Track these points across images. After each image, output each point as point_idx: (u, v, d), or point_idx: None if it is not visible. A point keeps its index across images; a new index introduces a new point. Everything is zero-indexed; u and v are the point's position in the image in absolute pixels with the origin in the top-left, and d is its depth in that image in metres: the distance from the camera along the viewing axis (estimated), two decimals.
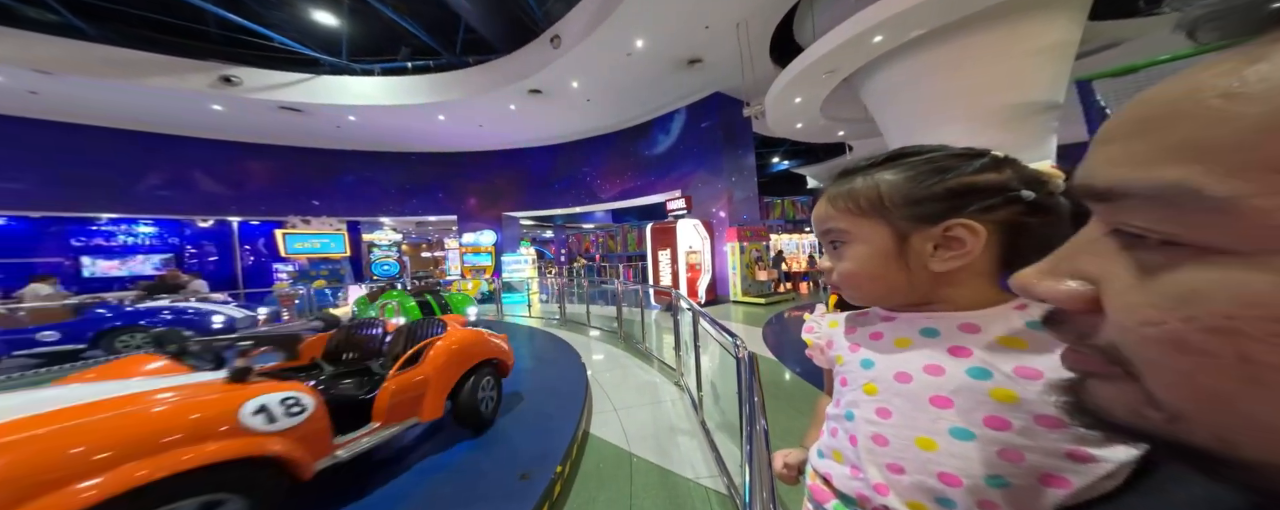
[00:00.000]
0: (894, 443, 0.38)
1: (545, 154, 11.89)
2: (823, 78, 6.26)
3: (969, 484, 0.33)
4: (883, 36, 5.15)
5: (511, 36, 7.88)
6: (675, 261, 7.79)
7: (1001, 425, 0.33)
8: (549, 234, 16.88)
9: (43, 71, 6.42)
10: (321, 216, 10.25)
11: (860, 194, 0.40)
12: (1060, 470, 0.31)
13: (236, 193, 10.28)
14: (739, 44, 6.63)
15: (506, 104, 8.89)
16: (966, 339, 0.37)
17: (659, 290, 6.23)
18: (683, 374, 3.17)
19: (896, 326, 0.42)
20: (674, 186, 9.40)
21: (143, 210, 9.41)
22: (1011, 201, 0.36)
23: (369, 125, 9.61)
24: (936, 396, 0.36)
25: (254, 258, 11.04)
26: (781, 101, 7.13)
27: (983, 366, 0.35)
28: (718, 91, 8.62)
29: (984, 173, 0.37)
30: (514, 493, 1.72)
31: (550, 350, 4.48)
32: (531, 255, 10.90)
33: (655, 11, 5.86)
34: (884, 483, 0.38)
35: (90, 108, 7.94)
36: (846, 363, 0.45)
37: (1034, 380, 0.33)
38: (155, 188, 9.39)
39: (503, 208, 12.18)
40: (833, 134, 9.65)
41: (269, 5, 7.27)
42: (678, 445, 2.25)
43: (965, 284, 0.39)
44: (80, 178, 8.58)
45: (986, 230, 0.36)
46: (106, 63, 6.76)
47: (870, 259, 0.40)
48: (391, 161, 11.64)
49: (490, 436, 2.31)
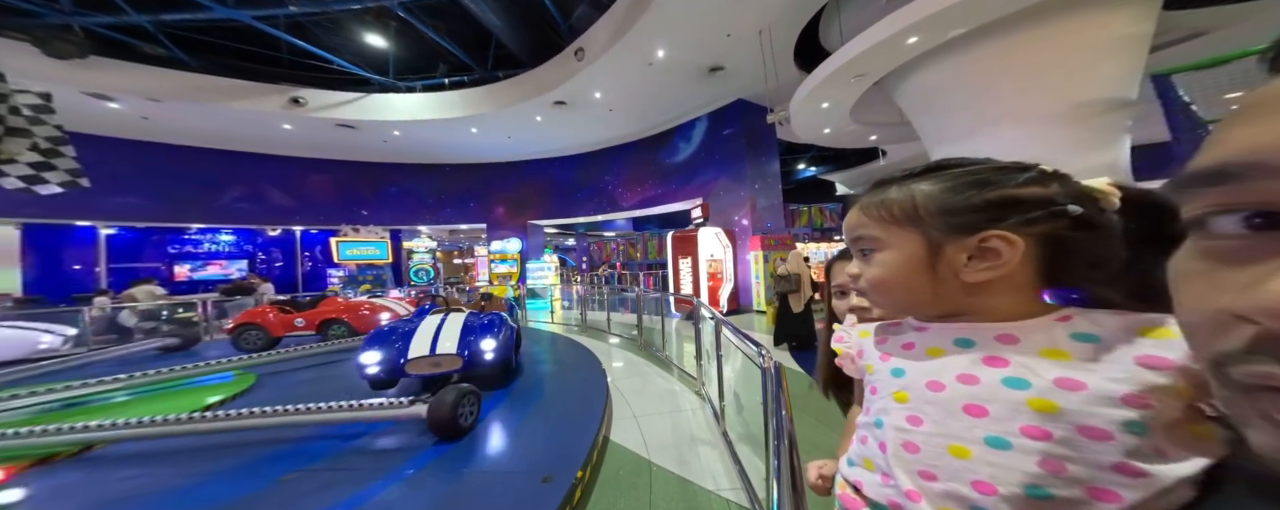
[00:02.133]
0: (925, 450, 0.37)
1: (569, 163, 12.21)
2: (851, 82, 6.09)
3: (1005, 492, 0.32)
4: (918, 38, 4.94)
5: (538, 51, 8.23)
6: (696, 270, 7.72)
7: (1040, 435, 0.32)
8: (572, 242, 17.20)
9: (153, 99, 7.50)
10: (369, 226, 11.11)
11: (895, 203, 0.41)
12: (1109, 484, 0.30)
13: (299, 204, 11.36)
14: (762, 50, 6.61)
15: (533, 115, 9.23)
16: (1003, 349, 0.36)
17: (680, 298, 6.18)
18: (703, 383, 3.11)
19: (929, 336, 0.41)
20: (695, 194, 9.38)
21: (224, 221, 10.71)
22: (1055, 216, 0.36)
23: (411, 139, 10.29)
24: (970, 405, 0.35)
25: (312, 263, 12.14)
26: (807, 107, 6.99)
27: (1020, 376, 0.34)
28: (740, 98, 8.59)
29: (1027, 186, 0.37)
30: (537, 495, 1.73)
31: (571, 355, 4.52)
32: (554, 263, 11.13)
33: (677, 22, 5.96)
34: (916, 489, 0.37)
35: (186, 130, 9.09)
36: (877, 371, 0.45)
37: (1077, 391, 0.32)
38: (235, 200, 10.61)
39: (528, 216, 12.55)
40: (864, 139, 9.32)
41: (329, 30, 8.05)
42: (698, 455, 2.20)
43: (1001, 295, 0.38)
44: (176, 193, 9.85)
45: (1025, 243, 0.36)
46: (202, 89, 7.77)
47: (901, 266, 0.40)
48: (429, 173, 12.36)
49: (513, 437, 2.36)
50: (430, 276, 11.46)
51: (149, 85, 7.33)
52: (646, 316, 5.00)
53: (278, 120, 8.72)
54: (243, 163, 10.47)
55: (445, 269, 11.74)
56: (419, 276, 11.19)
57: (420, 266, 11.12)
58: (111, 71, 7.00)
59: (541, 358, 4.38)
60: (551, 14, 7.66)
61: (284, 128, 9.17)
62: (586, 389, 3.17)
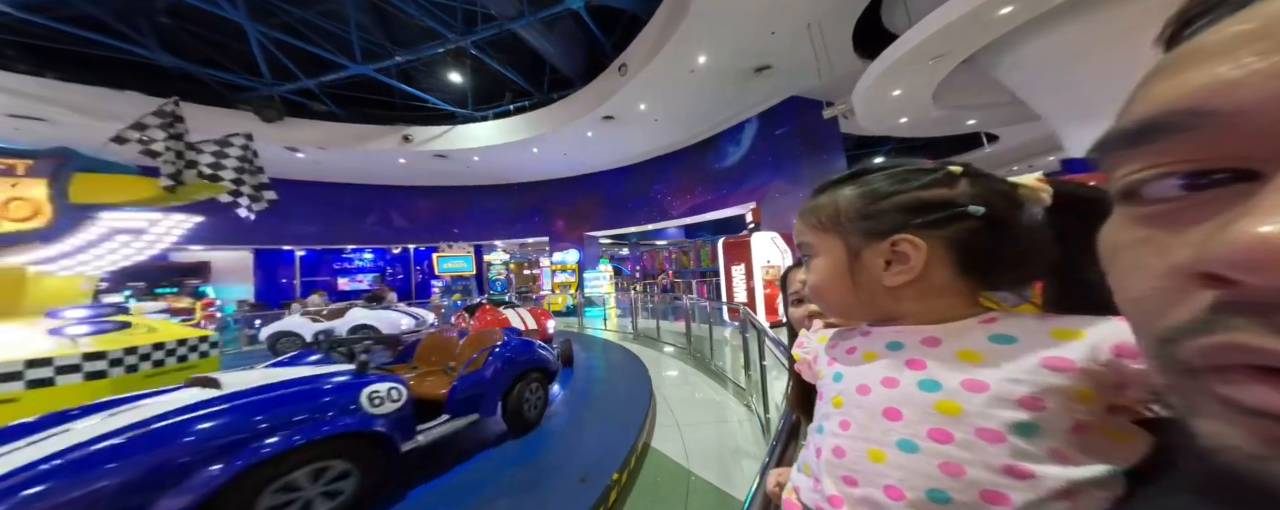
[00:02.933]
0: (850, 454, 0.37)
1: (619, 175, 12.65)
2: (929, 65, 5.41)
3: (911, 497, 0.32)
4: (1014, 7, 4.25)
5: (587, 71, 8.77)
6: (749, 277, 7.41)
7: (944, 437, 0.32)
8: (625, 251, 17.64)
9: (322, 147, 9.76)
10: (459, 241, 13.03)
11: (822, 209, 0.42)
12: (999, 486, 0.29)
13: (412, 225, 13.60)
14: (812, 44, 6.25)
15: (584, 132, 9.79)
16: (925, 352, 0.36)
17: (731, 307, 5.99)
18: (752, 395, 2.98)
19: (869, 340, 0.42)
20: (747, 199, 9.06)
21: (365, 242, 13.47)
22: (958, 217, 0.35)
23: (487, 163, 11.73)
24: (889, 408, 0.36)
25: (421, 276, 14.55)
26: (875, 96, 6.38)
27: (933, 378, 0.34)
28: (793, 96, 8.18)
29: (931, 188, 0.37)
30: (573, 494, 1.83)
31: (620, 361, 4.64)
32: (609, 272, 11.53)
33: (715, 26, 5.92)
34: (839, 494, 0.37)
35: (339, 170, 11.57)
36: (823, 376, 0.46)
37: (979, 393, 0.32)
38: (371, 225, 13.16)
39: (584, 228, 13.22)
40: (960, 124, 8.18)
41: (423, 74, 9.68)
42: (741, 468, 2.12)
43: (925, 299, 0.38)
44: (336, 220, 12.58)
45: (930, 245, 0.36)
46: (350, 135, 9.89)
47: (829, 272, 0.41)
48: (501, 192, 13.92)
49: (555, 437, 2.50)
50: (504, 286, 12.72)
51: (318, 136, 9.61)
52: (698, 325, 4.94)
53: (395, 156, 10.66)
54: (374, 193, 13.04)
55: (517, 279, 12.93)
56: (496, 285, 12.56)
57: (497, 276, 12.48)
58: (296, 128, 9.28)
59: (592, 363, 4.57)
60: (596, 34, 8.14)
61: (400, 162, 11.15)
62: (631, 394, 3.24)
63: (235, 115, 8.41)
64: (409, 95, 9.74)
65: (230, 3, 6.78)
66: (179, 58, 7.94)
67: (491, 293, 11.71)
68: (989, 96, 6.62)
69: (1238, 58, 0.14)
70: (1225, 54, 0.14)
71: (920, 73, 5.64)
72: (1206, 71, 0.15)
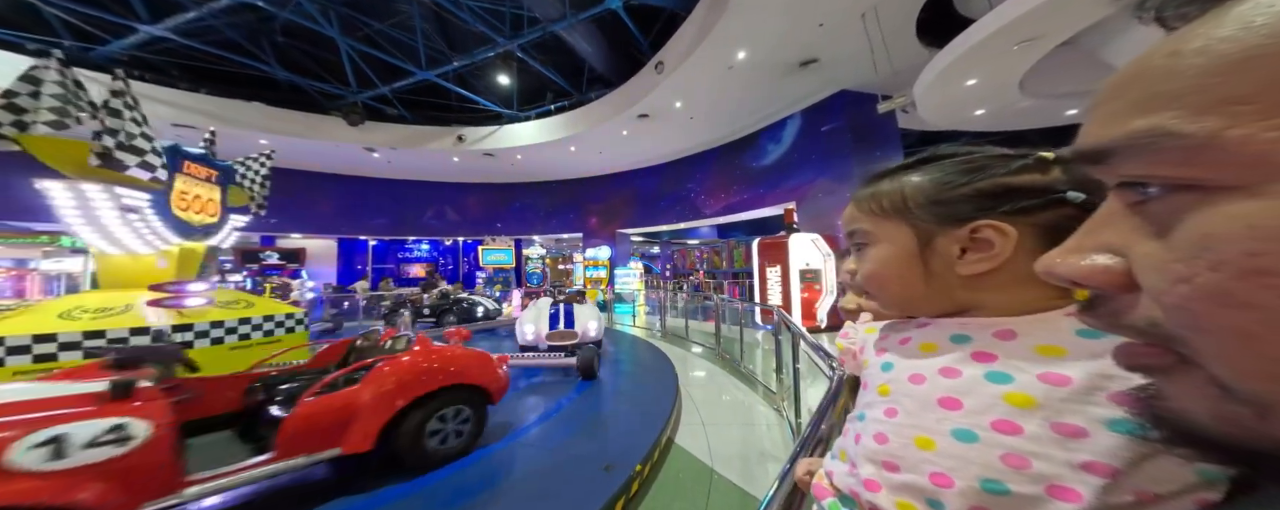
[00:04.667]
0: (893, 441, 0.36)
1: (652, 173, 12.67)
2: (1014, 50, 4.82)
3: (961, 485, 0.31)
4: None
5: (624, 70, 8.86)
6: (785, 280, 7.12)
7: (1011, 429, 0.31)
8: (656, 249, 17.63)
9: (392, 147, 10.76)
10: (502, 236, 13.89)
11: (884, 195, 0.41)
12: (1071, 481, 0.28)
13: (462, 219, 14.62)
14: (867, 34, 5.85)
15: (620, 130, 9.89)
16: (998, 345, 0.35)
17: (764, 309, 5.80)
18: (784, 399, 2.87)
19: (928, 332, 0.40)
20: (787, 198, 8.71)
21: (423, 234, 14.67)
22: (1056, 203, 0.34)
23: (529, 161, 12.29)
24: (946, 397, 0.35)
25: (467, 267, 15.66)
26: (943, 87, 5.81)
27: (1004, 371, 0.33)
28: (842, 90, 7.73)
29: (1023, 173, 0.35)
30: (596, 481, 1.87)
31: (648, 358, 4.66)
32: (639, 270, 11.60)
33: (758, 20, 5.72)
34: (876, 479, 0.36)
35: (404, 167, 12.69)
36: (870, 366, 0.45)
37: (1059, 386, 0.30)
38: (429, 218, 14.31)
39: (616, 226, 13.39)
40: (1055, 115, 7.13)
41: (476, 78, 10.37)
42: (767, 471, 2.06)
43: (1004, 289, 0.36)
44: (402, 214, 13.83)
45: (1020, 232, 0.34)
46: (414, 136, 10.79)
47: (891, 260, 0.40)
48: (540, 189, 14.53)
49: (584, 425, 2.55)
50: (540, 279, 13.26)
51: (390, 138, 10.57)
52: (728, 327, 4.83)
53: (449, 155, 11.48)
54: (432, 189, 14.18)
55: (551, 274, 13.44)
56: (533, 278, 13.15)
57: (533, 270, 13.09)
58: (373, 131, 10.32)
59: (620, 358, 4.62)
60: (634, 33, 8.19)
61: (453, 160, 12.00)
62: (657, 390, 3.24)
63: (327, 120, 9.63)
64: (463, 98, 10.48)
65: (327, 20, 7.84)
66: (289, 71, 9.23)
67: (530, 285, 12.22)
68: (1095, 82, 5.74)
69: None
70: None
71: (1004, 59, 5.02)
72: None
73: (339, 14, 7.96)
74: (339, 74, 9.33)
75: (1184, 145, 0.14)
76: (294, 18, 7.68)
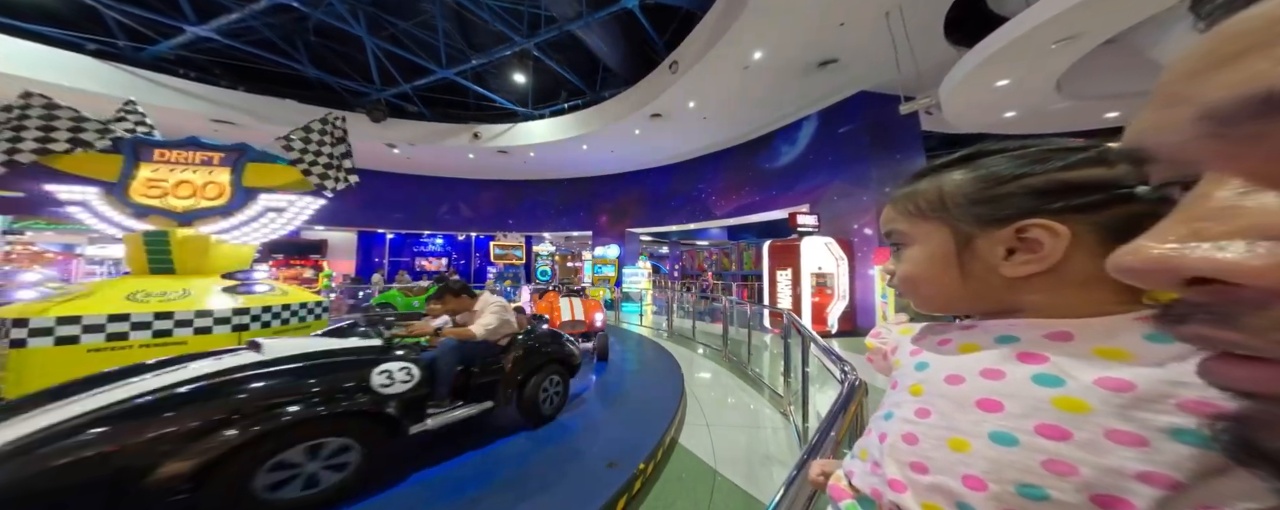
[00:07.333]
0: (924, 442, 0.34)
1: (663, 173, 12.63)
2: (1052, 49, 4.58)
3: (995, 490, 0.29)
4: None
5: (638, 69, 8.85)
6: (796, 284, 7.01)
7: (1057, 435, 0.29)
8: (665, 250, 17.58)
9: (411, 143, 11.04)
10: (513, 232, 14.14)
11: (922, 194, 0.39)
12: (1122, 492, 0.26)
13: (475, 215, 14.85)
14: (891, 33, 5.69)
15: (632, 130, 9.89)
16: (1049, 347, 0.32)
17: (773, 312, 5.72)
18: (791, 404, 2.82)
19: (970, 334, 0.38)
20: (799, 201, 8.57)
21: (438, 228, 14.94)
22: (1121, 200, 0.31)
23: (542, 159, 12.39)
24: (986, 399, 0.32)
25: (479, 262, 15.91)
26: (971, 88, 5.61)
27: (1054, 373, 0.31)
28: (862, 90, 7.57)
29: (1080, 168, 0.33)
30: (600, 478, 1.87)
31: (654, 357, 4.64)
32: (648, 269, 11.59)
33: (776, 19, 5.63)
34: (901, 480, 0.35)
35: (422, 163, 13.02)
36: (903, 366, 0.43)
37: (1120, 392, 0.28)
38: (444, 213, 14.58)
39: (626, 225, 13.39)
40: (1095, 117, 6.75)
41: (493, 76, 10.53)
42: (771, 475, 2.03)
43: (1057, 291, 0.34)
44: (418, 208, 14.14)
45: (1074, 231, 0.32)
46: (432, 133, 11.05)
47: (926, 262, 0.39)
48: (552, 187, 14.64)
49: (588, 422, 2.56)
50: (549, 275, 13.35)
51: (410, 134, 10.82)
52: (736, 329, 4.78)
53: (465, 151, 11.71)
54: (447, 185, 14.46)
55: (560, 271, 13.53)
56: (542, 275, 13.27)
57: (543, 267, 13.21)
58: (394, 128, 10.61)
59: (626, 357, 4.62)
60: (649, 32, 8.18)
61: (469, 157, 12.23)
62: (662, 390, 3.22)
63: (352, 116, 10.02)
64: (480, 96, 10.64)
65: (356, 20, 8.12)
66: (319, 69, 9.58)
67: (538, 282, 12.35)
68: (1140, 83, 5.38)
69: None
70: None
71: (1039, 58, 4.78)
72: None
73: (366, 13, 8.18)
74: (365, 72, 9.62)
75: None
76: (325, 18, 7.92)
